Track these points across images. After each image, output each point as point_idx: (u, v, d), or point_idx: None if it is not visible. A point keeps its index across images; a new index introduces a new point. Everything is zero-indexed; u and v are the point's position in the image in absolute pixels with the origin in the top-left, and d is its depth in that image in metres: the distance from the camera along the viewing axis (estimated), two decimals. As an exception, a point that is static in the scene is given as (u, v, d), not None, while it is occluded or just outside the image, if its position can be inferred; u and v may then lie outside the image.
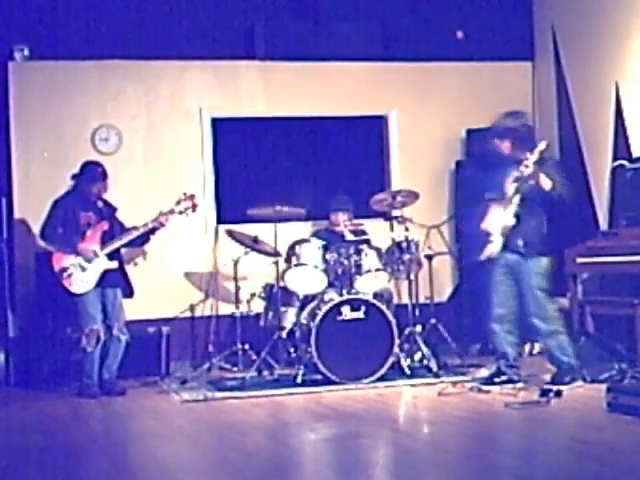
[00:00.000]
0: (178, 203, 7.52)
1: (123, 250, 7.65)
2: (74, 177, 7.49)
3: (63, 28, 8.61)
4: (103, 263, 7.35)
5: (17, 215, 8.44)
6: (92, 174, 7.44)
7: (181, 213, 7.53)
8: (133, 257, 8.21)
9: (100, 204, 7.50)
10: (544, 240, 6.74)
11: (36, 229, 7.80)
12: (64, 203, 7.43)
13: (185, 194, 7.58)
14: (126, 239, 7.43)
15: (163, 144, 8.85)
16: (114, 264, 7.38)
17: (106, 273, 7.35)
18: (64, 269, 7.27)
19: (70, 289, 7.27)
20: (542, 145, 6.45)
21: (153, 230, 7.48)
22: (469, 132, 9.11)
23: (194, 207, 7.57)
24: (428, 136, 9.21)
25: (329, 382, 7.11)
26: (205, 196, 8.82)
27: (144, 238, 7.52)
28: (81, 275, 7.28)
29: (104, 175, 7.47)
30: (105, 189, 7.51)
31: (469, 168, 8.74)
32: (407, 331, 7.68)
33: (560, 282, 7.90)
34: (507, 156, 6.68)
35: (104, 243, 7.38)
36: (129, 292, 7.57)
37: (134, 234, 7.42)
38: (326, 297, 7.48)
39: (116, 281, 7.43)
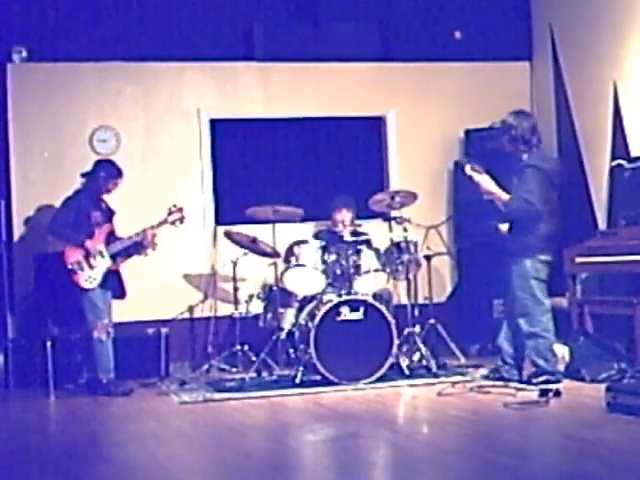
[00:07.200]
0: (170, 214, 7.65)
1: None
2: (84, 175, 7.57)
3: (61, 30, 8.60)
4: (107, 263, 7.41)
5: (16, 217, 8.43)
6: (109, 171, 7.56)
7: (173, 224, 7.67)
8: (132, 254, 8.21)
9: (104, 205, 7.60)
10: (525, 244, 6.75)
11: (35, 231, 7.82)
12: (77, 201, 7.50)
13: (175, 206, 7.68)
14: (127, 242, 7.52)
15: (161, 145, 8.84)
16: (116, 266, 7.48)
17: (107, 274, 7.43)
18: (75, 264, 7.34)
19: (79, 284, 7.35)
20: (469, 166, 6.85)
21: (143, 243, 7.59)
22: (467, 132, 9.11)
23: (182, 219, 7.68)
24: (426, 136, 9.20)
25: (328, 383, 7.11)
26: (204, 197, 8.83)
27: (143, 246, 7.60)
28: (88, 272, 7.36)
29: (119, 172, 7.59)
30: (116, 186, 7.60)
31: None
32: (406, 331, 7.69)
33: (559, 282, 7.91)
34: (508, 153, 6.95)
35: (108, 244, 7.46)
36: (120, 294, 7.60)
37: (134, 238, 7.50)
38: (325, 298, 7.47)
39: (110, 283, 7.49)
